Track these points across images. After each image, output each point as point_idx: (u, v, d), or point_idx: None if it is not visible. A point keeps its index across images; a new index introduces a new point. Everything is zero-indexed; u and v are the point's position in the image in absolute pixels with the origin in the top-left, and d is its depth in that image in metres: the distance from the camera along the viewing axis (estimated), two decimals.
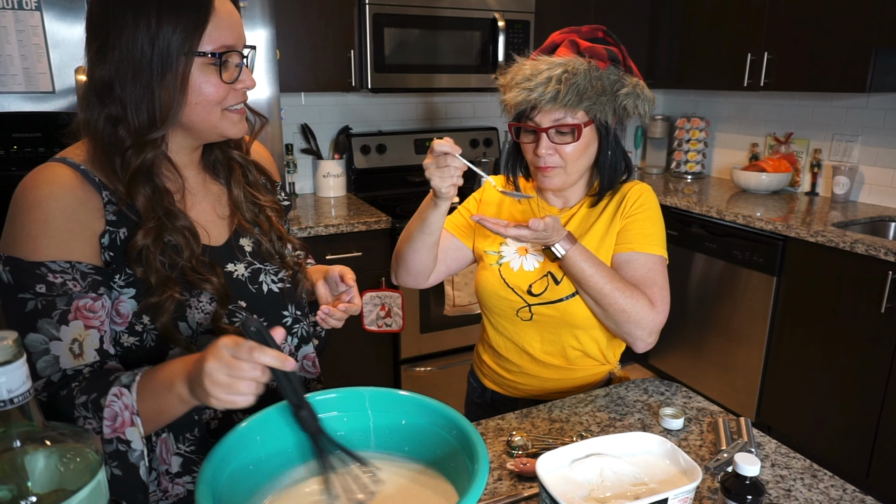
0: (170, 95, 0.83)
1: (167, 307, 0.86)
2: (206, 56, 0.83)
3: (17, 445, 0.56)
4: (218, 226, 0.98)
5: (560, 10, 3.10)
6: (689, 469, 0.83)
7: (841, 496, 0.94)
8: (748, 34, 2.94)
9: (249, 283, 0.97)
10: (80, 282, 0.82)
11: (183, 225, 0.89)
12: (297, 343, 1.05)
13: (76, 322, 0.82)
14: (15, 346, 0.55)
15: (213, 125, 0.89)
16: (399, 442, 0.85)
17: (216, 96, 0.86)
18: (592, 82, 1.14)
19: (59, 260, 0.81)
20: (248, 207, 1.00)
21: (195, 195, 0.96)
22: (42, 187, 0.83)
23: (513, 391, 1.37)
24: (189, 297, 0.89)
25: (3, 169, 1.90)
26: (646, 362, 3.49)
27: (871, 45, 2.44)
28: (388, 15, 2.66)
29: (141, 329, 0.87)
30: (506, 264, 1.30)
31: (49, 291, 0.81)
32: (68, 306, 0.81)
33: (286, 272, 1.02)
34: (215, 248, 0.95)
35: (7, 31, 1.84)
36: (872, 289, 2.26)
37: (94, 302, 0.83)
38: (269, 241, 1.00)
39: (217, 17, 0.84)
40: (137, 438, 0.78)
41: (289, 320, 1.02)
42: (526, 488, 0.95)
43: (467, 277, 2.69)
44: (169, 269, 0.87)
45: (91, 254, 0.84)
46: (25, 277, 0.81)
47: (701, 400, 1.23)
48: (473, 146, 3.34)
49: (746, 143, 3.48)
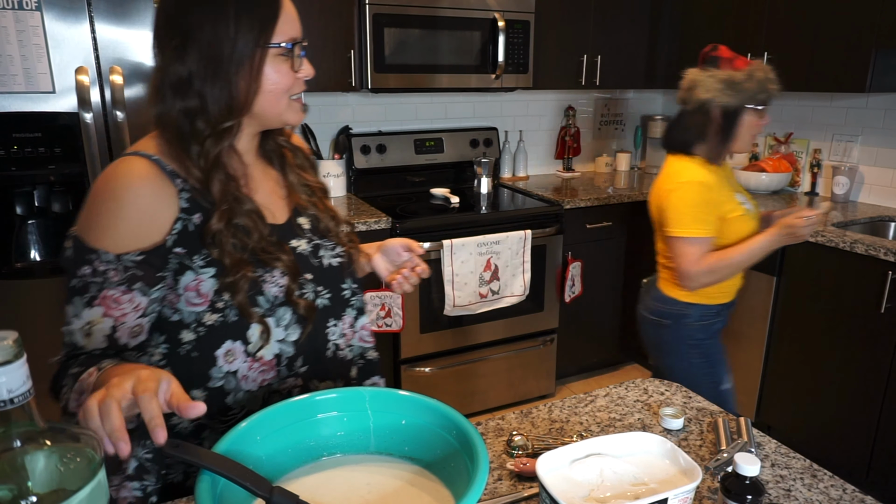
0: (246, 85, 0.90)
1: (241, 286, 0.91)
2: (278, 47, 0.91)
3: (17, 445, 0.56)
4: (279, 206, 1.03)
5: (560, 10, 3.10)
6: (689, 469, 0.83)
7: (841, 496, 0.94)
8: (748, 34, 2.94)
9: (311, 258, 1.03)
10: (121, 274, 0.88)
11: (250, 209, 0.95)
12: (356, 315, 1.09)
13: (98, 308, 0.88)
14: (15, 346, 0.55)
15: (279, 113, 0.96)
16: (399, 442, 0.85)
17: (285, 85, 0.93)
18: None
19: (111, 252, 0.87)
20: (302, 190, 1.07)
21: (256, 180, 1.02)
22: (120, 178, 0.89)
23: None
24: (263, 273, 0.94)
25: (3, 169, 1.90)
26: (646, 362, 3.49)
27: (870, 46, 2.44)
28: (388, 15, 2.66)
29: (223, 306, 0.93)
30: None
31: (92, 276, 0.88)
32: (98, 293, 0.87)
33: (342, 248, 1.08)
34: (278, 226, 1.01)
35: (7, 31, 1.84)
36: (872, 289, 2.26)
37: (122, 295, 0.88)
38: (325, 219, 1.07)
39: (285, 11, 0.92)
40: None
41: (347, 293, 1.08)
42: (526, 488, 0.95)
43: (467, 278, 2.69)
44: (240, 250, 0.93)
45: (149, 238, 0.89)
46: (79, 258, 0.89)
47: (701, 400, 1.23)
48: (473, 146, 3.34)
49: None
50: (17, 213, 2.01)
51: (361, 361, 1.10)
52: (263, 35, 0.89)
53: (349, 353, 1.07)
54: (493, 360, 2.97)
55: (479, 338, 2.90)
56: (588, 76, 3.27)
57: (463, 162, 3.32)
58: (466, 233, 2.69)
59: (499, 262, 2.76)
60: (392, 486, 0.80)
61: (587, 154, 3.86)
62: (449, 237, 2.65)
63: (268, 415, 0.81)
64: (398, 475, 0.82)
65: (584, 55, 3.23)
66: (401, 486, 0.81)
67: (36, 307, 2.00)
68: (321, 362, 1.02)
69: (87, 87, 1.91)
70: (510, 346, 2.99)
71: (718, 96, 1.76)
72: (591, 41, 3.23)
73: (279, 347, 0.96)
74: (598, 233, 3.14)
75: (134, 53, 1.98)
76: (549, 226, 2.90)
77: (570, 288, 3.07)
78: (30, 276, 2.01)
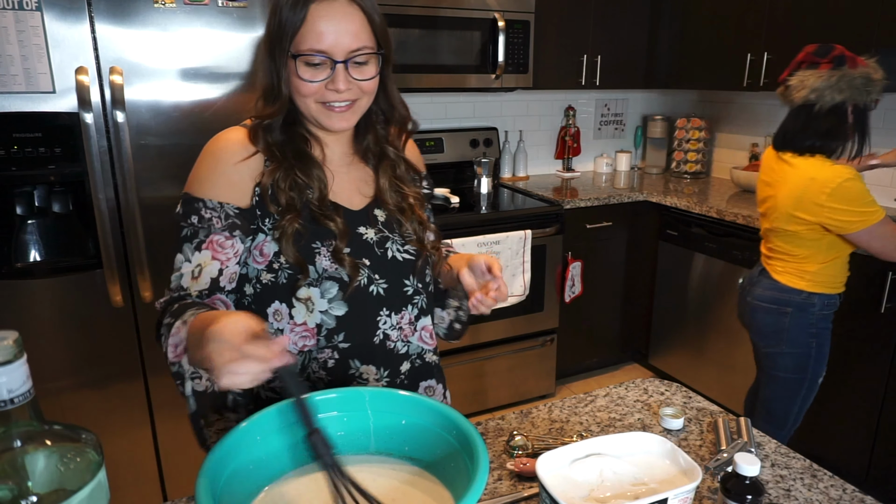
0: (285, 81, 1.00)
1: (288, 231, 0.99)
2: (301, 56, 0.97)
3: (17, 445, 0.56)
4: (357, 197, 1.10)
5: (560, 10, 3.10)
6: (689, 469, 0.83)
7: (841, 496, 0.94)
8: (748, 34, 2.94)
9: (376, 247, 1.07)
10: (223, 221, 0.99)
11: (316, 172, 1.04)
12: (417, 314, 1.13)
13: (206, 251, 0.98)
14: (15, 346, 0.55)
15: (311, 115, 1.03)
16: (399, 442, 0.85)
17: (308, 91, 0.99)
18: None
19: (213, 199, 0.99)
20: (391, 195, 1.12)
21: (337, 169, 1.09)
22: (219, 142, 1.03)
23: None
24: (318, 244, 1.01)
25: (4, 169, 1.90)
26: (646, 362, 3.49)
27: (870, 46, 2.44)
28: (388, 15, 2.64)
29: (277, 267, 1.01)
30: None
31: (199, 223, 0.99)
32: (206, 238, 0.98)
33: (413, 247, 1.11)
34: (351, 211, 1.07)
35: (7, 31, 1.83)
36: (872, 289, 2.26)
37: (225, 240, 0.99)
38: (408, 220, 1.12)
39: (311, 25, 0.96)
40: (187, 369, 0.89)
41: (409, 290, 1.11)
42: (526, 488, 0.95)
43: None
44: (298, 202, 1.01)
45: (242, 197, 1.01)
46: (188, 209, 1.00)
47: (701, 400, 1.23)
48: (473, 146, 3.34)
49: (746, 143, 3.48)
50: (17, 213, 2.00)
51: (418, 361, 1.14)
52: (288, 39, 0.97)
53: (403, 348, 1.11)
54: (493, 360, 2.97)
55: (479, 338, 2.90)
56: (588, 76, 3.27)
57: (463, 162, 3.32)
58: (466, 233, 2.69)
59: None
60: (392, 487, 0.80)
61: (587, 154, 3.86)
62: (449, 237, 2.65)
63: (268, 415, 0.81)
64: (398, 475, 0.82)
65: (584, 55, 3.23)
66: (401, 486, 0.81)
67: (36, 307, 2.00)
68: (367, 346, 1.06)
69: (87, 87, 1.91)
70: (510, 346, 2.99)
71: (855, 96, 1.83)
72: (591, 41, 3.23)
73: (321, 318, 1.03)
74: (598, 233, 3.14)
75: (134, 53, 1.98)
76: (549, 226, 2.90)
77: (570, 288, 3.07)
78: (30, 276, 2.01)
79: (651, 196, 3.17)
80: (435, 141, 3.25)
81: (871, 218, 1.84)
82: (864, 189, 1.85)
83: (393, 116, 1.12)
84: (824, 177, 1.84)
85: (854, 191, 1.83)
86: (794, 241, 1.96)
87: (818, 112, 1.86)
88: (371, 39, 1.00)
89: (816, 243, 1.92)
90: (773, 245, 2.04)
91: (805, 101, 1.89)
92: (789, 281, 1.99)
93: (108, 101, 1.98)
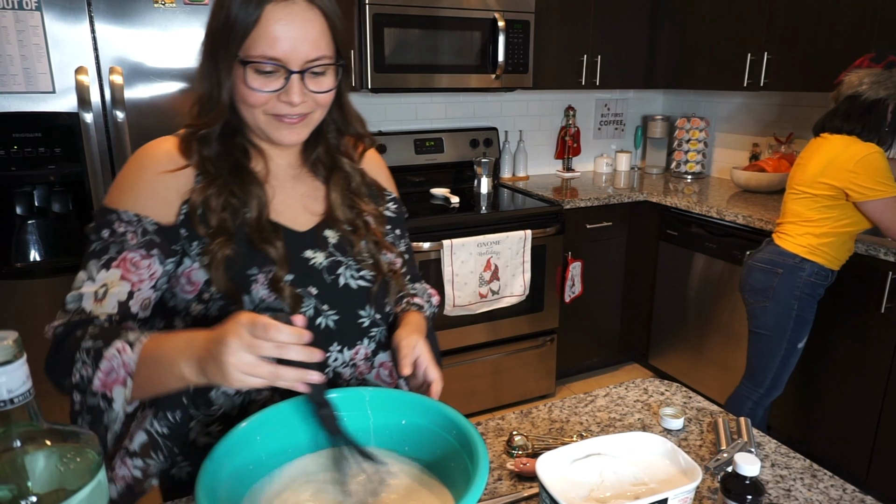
0: (227, 87, 0.89)
1: (217, 257, 0.88)
2: (250, 62, 0.86)
3: (17, 445, 0.56)
4: (303, 216, 0.99)
5: (560, 10, 3.10)
6: (689, 469, 0.83)
7: (841, 496, 0.94)
8: (748, 34, 2.94)
9: (326, 273, 0.96)
10: (139, 237, 0.88)
11: (254, 190, 0.93)
12: (374, 348, 1.01)
13: (116, 270, 0.87)
14: (15, 346, 0.55)
15: (258, 127, 0.93)
16: (399, 442, 0.85)
17: (255, 101, 0.89)
18: None
19: (130, 211, 0.89)
20: (343, 210, 1.01)
21: (281, 184, 0.99)
22: (146, 150, 0.93)
23: None
24: (256, 272, 0.91)
25: (3, 169, 1.90)
26: (646, 362, 3.49)
27: (870, 46, 2.44)
28: (388, 15, 2.66)
29: (208, 297, 0.91)
30: None
31: (110, 238, 0.88)
32: (117, 254, 0.87)
33: (370, 273, 1.00)
34: (297, 233, 0.97)
35: (7, 31, 1.84)
36: (872, 289, 2.26)
37: (141, 259, 0.88)
38: (362, 239, 1.01)
39: (264, 28, 0.85)
40: (121, 400, 0.80)
41: (365, 321, 0.99)
42: (526, 488, 0.95)
43: (467, 278, 2.69)
44: (231, 225, 0.91)
45: (166, 214, 0.90)
46: (100, 221, 0.89)
47: (701, 400, 1.23)
48: (473, 146, 3.34)
49: (746, 143, 3.48)
50: (17, 213, 2.01)
51: None
52: (236, 42, 0.86)
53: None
54: (493, 360, 2.97)
55: (479, 338, 2.90)
56: (588, 76, 3.27)
57: (463, 162, 3.32)
58: (466, 233, 2.69)
59: (499, 262, 2.76)
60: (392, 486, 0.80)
61: (587, 154, 3.86)
62: (449, 237, 2.65)
63: (268, 415, 0.81)
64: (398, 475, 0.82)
65: (584, 55, 3.23)
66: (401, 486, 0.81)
67: (36, 307, 2.01)
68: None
69: (87, 87, 1.91)
70: (510, 347, 2.99)
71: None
72: (591, 41, 3.23)
73: None
74: (598, 233, 3.14)
75: (134, 53, 1.98)
76: (550, 226, 2.90)
77: (570, 288, 3.07)
78: (30, 276, 2.01)
79: (651, 196, 3.17)
80: (435, 141, 3.25)
81: (889, 191, 2.02)
82: (888, 166, 2.04)
83: (347, 130, 1.03)
84: (856, 147, 2.04)
85: (880, 163, 2.02)
86: (811, 204, 2.14)
87: (861, 103, 2.07)
88: (331, 48, 0.90)
89: (830, 210, 2.11)
90: (788, 210, 2.24)
91: (852, 92, 2.09)
92: (788, 246, 2.19)
93: (107, 101, 1.98)
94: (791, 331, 2.22)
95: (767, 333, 2.26)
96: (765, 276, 2.24)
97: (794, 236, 2.19)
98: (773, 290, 2.21)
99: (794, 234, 2.20)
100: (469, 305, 2.74)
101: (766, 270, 2.24)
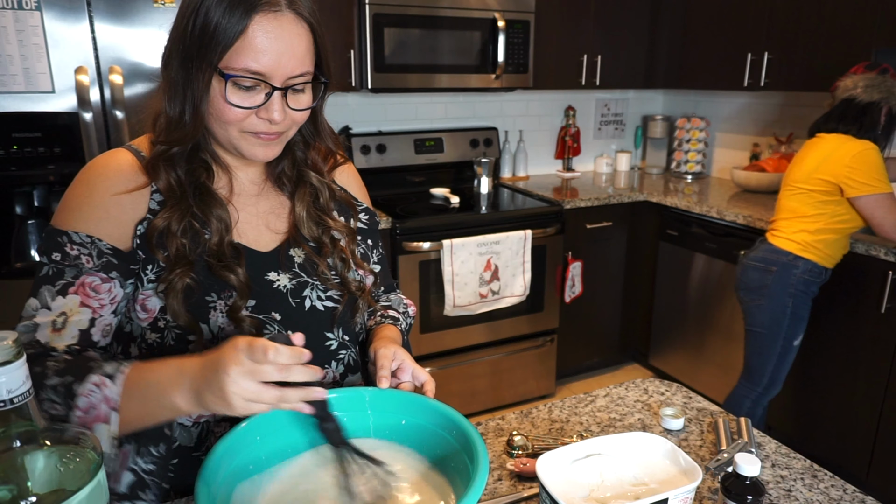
0: (199, 94, 0.82)
1: (176, 286, 0.83)
2: (229, 76, 0.80)
3: (17, 445, 0.56)
4: (266, 234, 0.94)
5: (560, 10, 3.10)
6: (690, 469, 0.83)
7: (841, 496, 0.94)
8: (748, 34, 2.94)
9: (291, 297, 0.91)
10: (95, 259, 0.82)
11: (217, 212, 0.87)
12: (343, 371, 0.98)
13: (74, 296, 0.81)
14: (15, 346, 0.55)
15: (229, 141, 0.86)
16: (399, 442, 0.85)
17: (230, 117, 0.83)
18: None
19: (82, 232, 0.82)
20: (309, 226, 0.96)
21: (244, 202, 0.93)
22: (96, 167, 0.87)
23: None
24: (215, 298, 0.86)
25: (3, 169, 1.90)
26: (646, 362, 3.49)
27: (870, 45, 2.44)
28: (388, 15, 2.66)
29: (163, 325, 0.85)
30: None
31: (62, 261, 0.81)
32: (74, 279, 0.81)
33: (338, 292, 0.95)
34: (260, 254, 0.91)
35: (7, 31, 1.83)
36: (872, 289, 2.26)
37: (101, 283, 0.82)
38: (328, 260, 0.96)
39: (252, 37, 0.78)
40: (105, 438, 0.74)
41: (333, 344, 0.96)
42: (526, 488, 0.95)
43: (467, 278, 2.69)
44: (190, 252, 0.85)
45: (120, 236, 0.84)
46: (49, 243, 0.83)
47: (701, 400, 1.23)
48: (473, 146, 3.34)
49: (746, 143, 3.48)
50: (16, 213, 2.00)
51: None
52: (214, 54, 0.79)
53: None
54: (493, 360, 2.97)
55: (479, 338, 2.90)
56: (588, 76, 3.27)
57: (463, 162, 3.32)
58: (466, 233, 2.69)
59: (499, 262, 2.76)
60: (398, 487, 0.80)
61: (587, 154, 3.86)
62: (449, 237, 2.65)
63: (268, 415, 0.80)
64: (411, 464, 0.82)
65: (584, 55, 3.23)
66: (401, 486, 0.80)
67: None
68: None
69: (87, 86, 1.91)
70: (510, 347, 2.99)
71: (890, 100, 2.10)
72: (591, 41, 3.23)
73: None
74: (598, 233, 3.14)
75: (134, 53, 1.98)
76: (550, 226, 2.90)
77: (571, 288, 3.07)
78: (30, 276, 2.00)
79: (651, 196, 3.17)
80: (435, 141, 3.25)
81: (882, 187, 2.06)
82: (882, 163, 2.09)
83: (315, 144, 0.97)
84: (852, 143, 2.09)
85: (876, 160, 2.07)
86: (806, 199, 2.17)
87: (856, 106, 2.12)
88: (313, 64, 0.85)
89: (825, 206, 2.14)
90: (782, 207, 2.27)
91: (847, 95, 2.15)
92: (782, 244, 2.22)
93: (107, 100, 1.98)
94: (787, 328, 2.24)
95: (763, 331, 2.28)
96: (759, 275, 2.27)
97: (787, 233, 2.22)
98: (767, 288, 2.24)
99: (788, 231, 2.22)
100: (469, 305, 2.74)
101: (759, 269, 2.27)
